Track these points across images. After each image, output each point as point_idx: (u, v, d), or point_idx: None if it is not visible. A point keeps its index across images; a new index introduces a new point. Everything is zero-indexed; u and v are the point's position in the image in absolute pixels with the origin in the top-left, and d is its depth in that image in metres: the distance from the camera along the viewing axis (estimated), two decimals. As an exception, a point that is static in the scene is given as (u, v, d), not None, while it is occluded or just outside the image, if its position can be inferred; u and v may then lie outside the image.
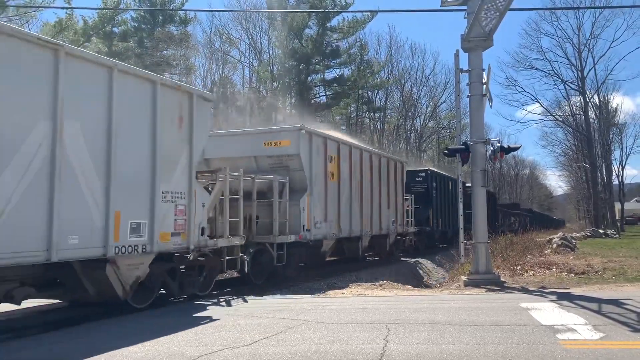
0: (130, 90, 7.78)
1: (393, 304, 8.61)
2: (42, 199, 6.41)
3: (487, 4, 10.30)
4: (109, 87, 7.40)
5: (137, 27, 42.67)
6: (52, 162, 6.53)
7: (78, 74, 6.98)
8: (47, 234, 6.41)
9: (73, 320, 7.37)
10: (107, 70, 7.44)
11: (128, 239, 7.56)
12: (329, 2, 41.49)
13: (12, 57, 6.22)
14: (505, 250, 16.58)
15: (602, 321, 6.59)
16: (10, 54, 6.20)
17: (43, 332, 6.64)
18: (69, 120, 6.76)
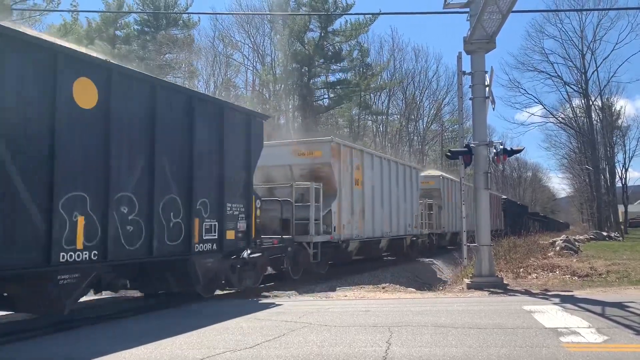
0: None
1: (396, 307, 8.59)
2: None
3: (489, 6, 10.29)
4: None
5: (141, 30, 42.82)
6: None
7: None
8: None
9: (74, 323, 7.37)
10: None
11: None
12: (330, 5, 41.56)
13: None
14: (509, 253, 16.56)
15: (605, 324, 6.56)
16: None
17: (44, 335, 6.63)
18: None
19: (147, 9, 41.61)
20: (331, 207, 13.71)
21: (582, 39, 51.56)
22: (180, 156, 8.61)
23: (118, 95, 7.45)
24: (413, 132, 56.01)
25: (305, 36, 41.62)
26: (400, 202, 18.58)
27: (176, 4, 44.55)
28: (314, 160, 13.89)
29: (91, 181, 7.06)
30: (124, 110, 7.57)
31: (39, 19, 29.16)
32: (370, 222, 16.03)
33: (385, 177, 17.45)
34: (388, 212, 17.50)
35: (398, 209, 18.38)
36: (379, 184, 16.88)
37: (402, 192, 18.84)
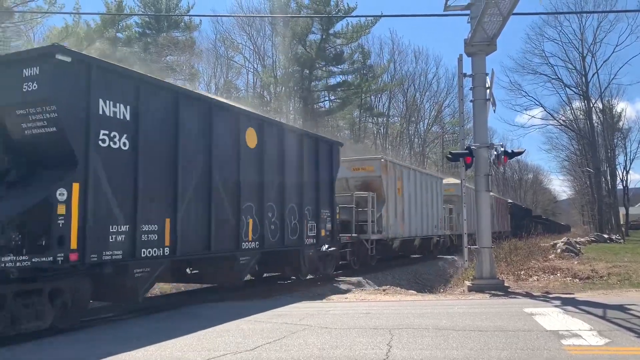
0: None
1: (396, 309, 8.58)
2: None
3: (490, 8, 10.29)
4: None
5: (142, 32, 42.87)
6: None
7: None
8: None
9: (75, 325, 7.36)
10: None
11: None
12: (332, 7, 41.62)
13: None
14: (509, 255, 16.53)
15: (607, 327, 6.54)
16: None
17: (46, 337, 6.62)
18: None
19: (148, 11, 41.69)
20: (382, 211, 16.97)
21: (582, 41, 51.62)
22: (297, 178, 12.18)
23: (268, 139, 11.05)
24: (414, 134, 56.02)
25: (306, 38, 41.68)
26: (428, 207, 21.54)
27: (177, 6, 44.65)
28: (367, 174, 17.18)
29: (255, 195, 10.57)
30: (270, 148, 11.14)
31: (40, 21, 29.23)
32: (408, 224, 19.29)
33: (418, 186, 20.58)
34: (420, 216, 20.62)
35: (427, 213, 21.46)
36: (413, 192, 20.06)
37: (429, 199, 21.79)
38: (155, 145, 8.09)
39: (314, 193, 12.87)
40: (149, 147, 7.92)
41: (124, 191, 7.50)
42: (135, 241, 7.56)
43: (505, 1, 10.07)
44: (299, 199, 12.18)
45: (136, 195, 7.65)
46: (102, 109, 7.16)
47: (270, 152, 11.13)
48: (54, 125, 6.66)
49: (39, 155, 6.87)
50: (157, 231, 7.98)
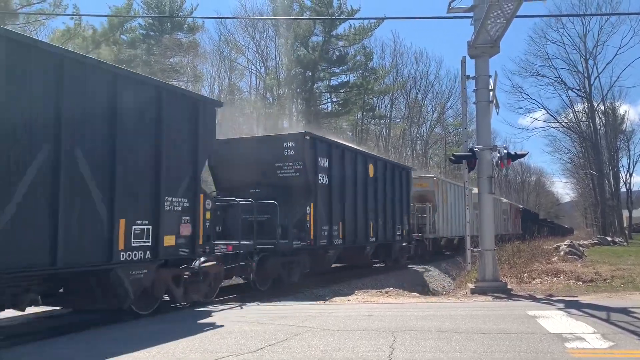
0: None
1: (399, 312, 8.56)
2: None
3: (493, 10, 10.28)
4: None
5: (145, 34, 42.96)
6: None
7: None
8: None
9: (77, 326, 7.36)
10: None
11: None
12: (335, 9, 41.66)
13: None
14: (512, 258, 16.49)
15: (611, 330, 6.51)
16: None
17: (47, 338, 6.62)
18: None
19: (152, 13, 41.79)
20: (435, 217, 22.47)
21: (584, 44, 51.58)
22: (391, 195, 17.66)
23: (379, 170, 16.73)
24: (416, 135, 56.00)
25: (309, 40, 41.72)
26: (460, 212, 25.78)
27: (181, 8, 44.74)
28: (423, 189, 22.46)
29: (380, 209, 16.66)
30: (381, 177, 16.94)
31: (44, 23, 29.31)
32: (450, 226, 24.68)
33: (454, 196, 25.45)
34: (456, 219, 25.67)
35: (460, 217, 25.81)
36: (452, 201, 25.20)
37: (460, 205, 25.81)
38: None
39: (399, 207, 18.28)
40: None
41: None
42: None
43: (508, 3, 10.06)
44: (392, 208, 17.57)
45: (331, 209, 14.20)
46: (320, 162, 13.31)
47: (382, 180, 16.68)
48: (299, 171, 12.64)
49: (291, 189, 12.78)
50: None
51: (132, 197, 7.52)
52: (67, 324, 7.65)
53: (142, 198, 7.73)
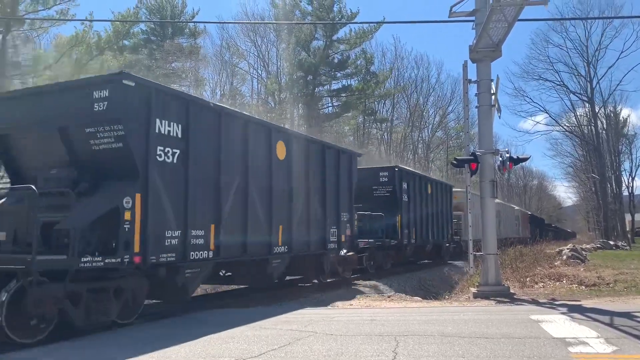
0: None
1: (402, 316, 8.54)
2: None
3: (495, 14, 10.29)
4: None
5: (147, 39, 43.10)
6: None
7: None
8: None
9: (80, 332, 7.36)
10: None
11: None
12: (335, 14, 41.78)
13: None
14: (515, 262, 16.45)
15: (614, 334, 6.49)
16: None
17: (50, 343, 6.62)
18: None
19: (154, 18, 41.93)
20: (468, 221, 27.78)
21: (587, 47, 51.64)
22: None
23: (435, 189, 21.03)
24: (417, 139, 56.01)
25: (310, 45, 41.82)
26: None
27: (182, 13, 44.91)
28: (457, 201, 25.42)
29: (434, 217, 22.09)
30: (434, 193, 21.70)
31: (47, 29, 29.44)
32: (478, 230, 27.30)
33: (479, 204, 28.70)
34: (480, 224, 28.71)
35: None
36: (478, 210, 28.38)
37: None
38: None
39: (445, 214, 23.38)
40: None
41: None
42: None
43: (510, 7, 10.07)
44: (441, 217, 22.28)
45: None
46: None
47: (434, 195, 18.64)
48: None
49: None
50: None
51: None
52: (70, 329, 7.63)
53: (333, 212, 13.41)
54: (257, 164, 10.27)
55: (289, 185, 11.29)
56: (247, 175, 9.94)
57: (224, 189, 9.24)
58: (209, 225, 8.89)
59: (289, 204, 11.28)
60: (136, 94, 7.58)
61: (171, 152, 8.17)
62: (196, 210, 8.56)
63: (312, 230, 12.12)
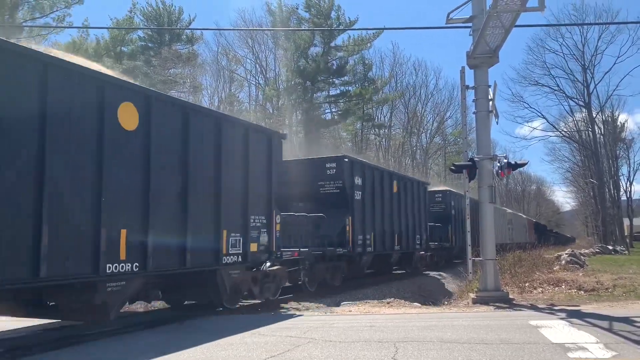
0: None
1: (401, 322, 8.53)
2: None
3: (492, 21, 10.34)
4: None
5: (144, 45, 43.19)
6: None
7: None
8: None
9: (78, 339, 7.34)
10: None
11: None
12: (333, 20, 41.93)
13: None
14: (514, 267, 16.44)
15: (613, 339, 6.49)
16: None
17: (47, 351, 6.60)
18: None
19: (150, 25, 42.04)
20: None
21: (583, 53, 51.83)
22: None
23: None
24: (416, 145, 56.09)
25: (308, 52, 41.94)
26: (501, 225, 32.19)
27: (179, 19, 45.04)
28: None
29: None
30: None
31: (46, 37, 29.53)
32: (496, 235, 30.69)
33: (497, 214, 32.50)
34: (499, 231, 30.14)
35: (501, 229, 31.41)
36: (496, 218, 34.39)
37: (499, 220, 30.06)
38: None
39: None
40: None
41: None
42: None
43: (507, 14, 10.12)
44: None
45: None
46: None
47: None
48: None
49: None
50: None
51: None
52: (67, 336, 7.62)
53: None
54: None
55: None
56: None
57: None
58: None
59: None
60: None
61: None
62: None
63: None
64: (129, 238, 7.22)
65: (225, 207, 9.23)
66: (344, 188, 14.72)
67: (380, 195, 16.71)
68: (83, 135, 6.71)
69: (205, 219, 8.87)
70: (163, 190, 7.94)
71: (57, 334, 7.98)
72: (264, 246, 10.37)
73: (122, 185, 7.23)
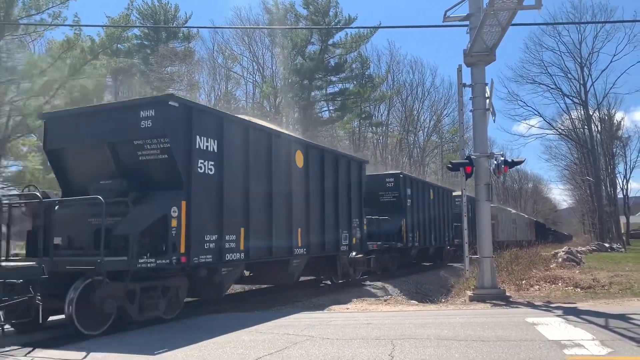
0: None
1: (398, 320, 8.55)
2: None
3: (489, 19, 10.36)
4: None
5: (141, 44, 43.10)
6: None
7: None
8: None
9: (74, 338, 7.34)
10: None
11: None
12: (331, 18, 41.89)
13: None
14: (510, 265, 16.47)
15: (609, 336, 6.52)
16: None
17: (39, 348, 6.59)
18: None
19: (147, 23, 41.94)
20: (499, 228, 31.93)
21: (580, 51, 51.92)
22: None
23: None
24: (413, 143, 56.09)
25: (305, 49, 41.89)
26: (508, 225, 39.51)
27: (175, 17, 44.95)
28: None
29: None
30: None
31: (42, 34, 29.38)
32: (506, 233, 36.78)
33: (505, 214, 38.92)
34: (508, 229, 38.22)
35: (510, 228, 39.38)
36: (506, 218, 39.17)
37: (507, 220, 38.97)
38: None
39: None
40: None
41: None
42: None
43: (504, 12, 10.14)
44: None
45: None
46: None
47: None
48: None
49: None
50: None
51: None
52: (64, 335, 7.61)
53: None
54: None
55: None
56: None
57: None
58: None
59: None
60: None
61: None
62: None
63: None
64: (302, 234, 11.90)
65: (341, 212, 13.78)
66: (399, 197, 19.00)
67: (422, 201, 20.94)
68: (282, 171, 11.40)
69: (330, 221, 13.24)
70: (314, 203, 12.57)
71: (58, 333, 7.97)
72: (359, 240, 14.58)
73: (299, 201, 11.88)
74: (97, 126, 8.92)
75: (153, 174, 8.60)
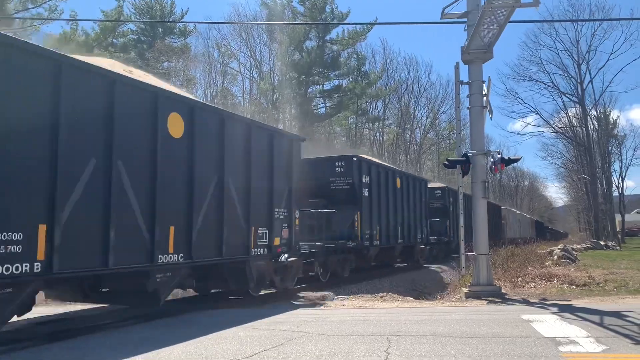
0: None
1: (394, 316, 8.57)
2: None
3: (487, 16, 10.35)
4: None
5: (137, 39, 42.94)
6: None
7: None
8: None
9: (72, 333, 7.33)
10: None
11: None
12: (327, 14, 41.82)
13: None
14: (506, 262, 16.54)
15: (604, 333, 6.56)
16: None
17: (39, 344, 6.58)
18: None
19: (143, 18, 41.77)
20: (506, 227, 37.88)
21: (577, 49, 52.00)
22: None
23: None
24: (409, 140, 56.12)
25: (303, 45, 41.83)
26: (515, 224, 43.96)
27: (171, 12, 44.78)
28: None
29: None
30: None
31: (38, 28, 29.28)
32: (514, 231, 42.63)
33: (513, 215, 43.96)
34: (514, 228, 43.08)
35: (517, 226, 44.45)
36: (513, 218, 44.78)
37: (514, 220, 43.16)
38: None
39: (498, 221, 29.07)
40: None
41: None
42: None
43: (501, 9, 10.14)
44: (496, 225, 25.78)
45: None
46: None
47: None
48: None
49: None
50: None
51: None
52: (62, 330, 7.60)
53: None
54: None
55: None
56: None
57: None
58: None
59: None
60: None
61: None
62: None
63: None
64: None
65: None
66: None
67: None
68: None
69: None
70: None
71: (52, 328, 7.97)
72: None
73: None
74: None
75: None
